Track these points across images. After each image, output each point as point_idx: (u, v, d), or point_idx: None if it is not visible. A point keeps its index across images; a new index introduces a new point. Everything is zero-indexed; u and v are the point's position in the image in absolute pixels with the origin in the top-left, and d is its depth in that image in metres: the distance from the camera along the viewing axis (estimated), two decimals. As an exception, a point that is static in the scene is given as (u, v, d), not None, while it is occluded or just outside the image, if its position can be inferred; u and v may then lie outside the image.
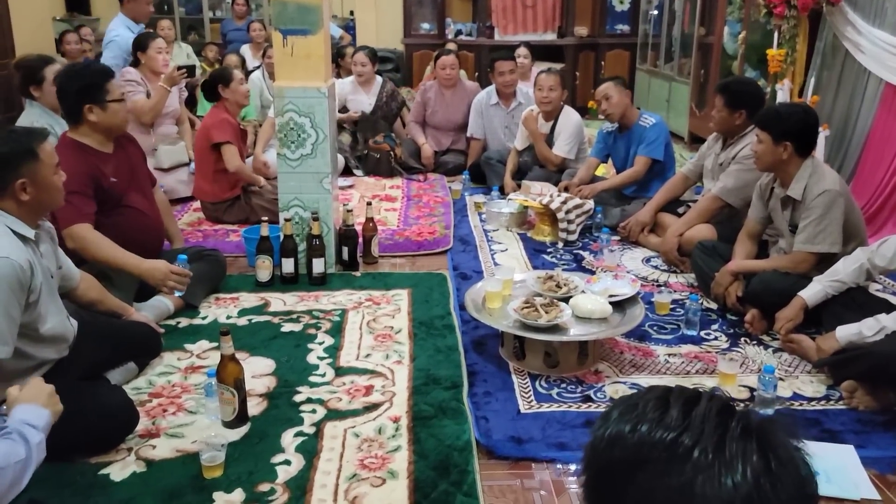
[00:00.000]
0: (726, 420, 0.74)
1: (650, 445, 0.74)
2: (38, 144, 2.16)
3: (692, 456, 0.71)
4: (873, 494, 2.01)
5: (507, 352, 2.76)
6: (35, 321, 2.09)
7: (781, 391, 2.51)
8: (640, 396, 0.80)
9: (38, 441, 1.62)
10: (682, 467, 0.71)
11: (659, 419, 0.75)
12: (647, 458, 0.73)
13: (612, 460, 0.76)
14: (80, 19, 8.12)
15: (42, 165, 2.15)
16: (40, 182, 2.15)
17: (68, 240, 2.86)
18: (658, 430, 0.74)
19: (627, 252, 3.99)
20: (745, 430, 0.73)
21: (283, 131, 3.45)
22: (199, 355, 2.78)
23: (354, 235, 3.65)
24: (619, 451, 0.76)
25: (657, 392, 0.80)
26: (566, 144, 4.82)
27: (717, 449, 0.71)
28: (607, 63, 8.79)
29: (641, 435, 0.75)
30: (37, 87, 3.69)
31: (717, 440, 0.72)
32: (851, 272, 2.69)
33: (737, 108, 3.53)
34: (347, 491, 2.00)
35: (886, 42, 4.13)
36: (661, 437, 0.74)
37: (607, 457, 0.77)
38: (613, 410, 0.80)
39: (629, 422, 0.77)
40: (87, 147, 3.00)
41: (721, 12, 6.30)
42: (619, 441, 0.76)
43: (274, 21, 3.39)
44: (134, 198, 3.14)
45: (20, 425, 1.63)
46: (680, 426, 0.74)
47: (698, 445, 0.72)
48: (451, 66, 5.74)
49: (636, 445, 0.75)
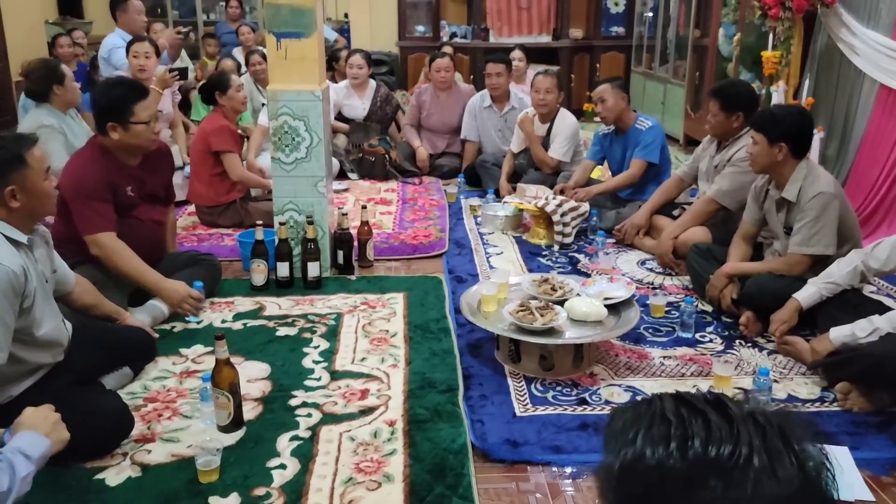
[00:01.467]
0: (755, 418, 0.74)
1: (708, 463, 0.71)
2: (26, 150, 2.12)
3: (752, 463, 0.70)
4: (867, 496, 2.02)
5: (502, 355, 2.76)
6: (30, 326, 2.08)
7: (776, 393, 2.51)
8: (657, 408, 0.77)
9: (24, 475, 1.60)
10: (746, 476, 0.70)
11: (707, 432, 0.73)
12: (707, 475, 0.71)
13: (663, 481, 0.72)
14: (72, 23, 8.10)
15: (31, 172, 2.12)
16: (30, 189, 2.11)
17: (93, 247, 2.91)
18: (712, 444, 0.72)
19: (623, 255, 3.99)
20: (770, 422, 0.74)
21: (277, 135, 3.45)
22: (194, 359, 2.78)
23: (349, 239, 3.65)
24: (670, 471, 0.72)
25: (676, 401, 0.77)
26: (562, 147, 4.83)
27: (767, 448, 0.71)
28: (602, 65, 8.80)
29: (696, 453, 0.72)
30: (60, 85, 3.83)
31: (762, 440, 0.72)
32: (846, 274, 2.70)
33: (733, 110, 3.53)
34: (343, 495, 2.00)
35: (881, 44, 4.15)
36: (720, 451, 0.71)
37: (653, 479, 0.73)
38: (630, 429, 0.77)
39: (672, 439, 0.73)
40: (111, 155, 3.02)
41: (716, 14, 6.31)
42: (668, 462, 0.72)
43: (267, 24, 3.39)
44: (144, 209, 3.14)
45: (13, 453, 1.61)
46: (731, 436, 0.72)
47: (755, 450, 0.71)
48: (447, 68, 5.74)
49: (693, 464, 0.71)
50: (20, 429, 1.70)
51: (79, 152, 3.16)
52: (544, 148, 4.87)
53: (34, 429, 1.71)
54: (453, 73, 5.82)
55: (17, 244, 2.07)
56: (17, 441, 1.65)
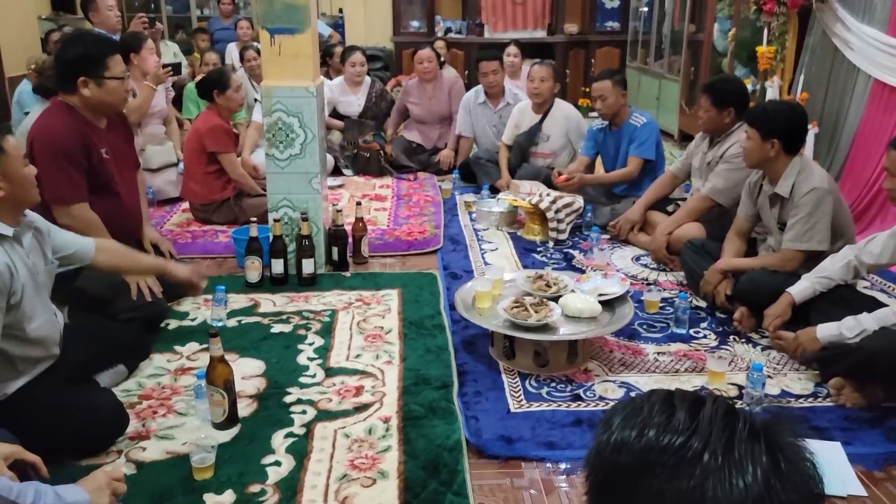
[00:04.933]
0: (733, 421, 0.74)
1: (659, 450, 0.73)
2: (1, 139, 2.06)
3: (702, 459, 0.71)
4: (860, 491, 2.03)
5: (496, 351, 2.76)
6: (20, 322, 2.04)
7: (770, 388, 2.52)
8: (643, 400, 0.79)
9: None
10: (692, 471, 0.71)
11: (666, 423, 0.75)
12: (655, 462, 0.73)
13: (619, 466, 0.75)
14: (65, 18, 8.06)
15: (9, 158, 2.05)
16: (10, 176, 2.05)
17: (65, 217, 2.71)
18: (666, 434, 0.74)
19: (617, 251, 4.00)
20: (752, 430, 0.73)
21: (271, 131, 3.44)
22: (188, 357, 2.77)
23: (344, 235, 3.65)
24: (625, 456, 0.75)
25: (660, 395, 0.79)
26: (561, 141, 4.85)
27: (727, 451, 0.71)
28: (597, 60, 8.80)
29: (649, 440, 0.74)
30: None
31: (725, 442, 0.72)
32: (839, 269, 2.70)
33: (724, 106, 3.54)
34: (338, 491, 2.00)
35: (875, 39, 4.15)
36: (670, 441, 0.73)
37: (613, 463, 0.76)
38: (615, 416, 0.79)
39: (635, 427, 0.76)
40: (79, 114, 2.85)
41: (711, 9, 6.32)
42: (625, 446, 0.75)
43: (261, 20, 3.38)
44: (120, 183, 3.02)
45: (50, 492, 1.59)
46: (688, 429, 0.73)
47: (708, 448, 0.71)
48: (429, 59, 5.73)
49: (644, 450, 0.74)
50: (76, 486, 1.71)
51: (46, 111, 2.96)
52: (533, 136, 4.86)
53: (82, 485, 1.71)
54: (436, 63, 5.81)
55: (2, 238, 2.01)
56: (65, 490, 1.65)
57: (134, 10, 8.81)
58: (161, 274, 2.65)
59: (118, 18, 5.05)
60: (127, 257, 2.60)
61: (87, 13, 4.97)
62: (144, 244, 3.21)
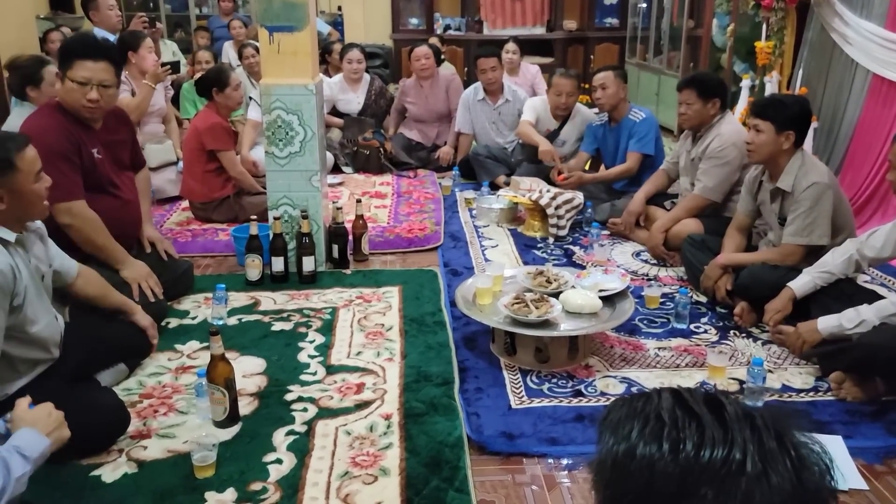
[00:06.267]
0: (753, 420, 0.73)
1: (700, 469, 0.70)
2: (16, 153, 2.03)
3: (745, 469, 0.69)
4: (861, 485, 2.03)
5: (497, 348, 2.76)
6: (23, 323, 2.06)
7: (770, 383, 2.52)
8: (652, 406, 0.76)
9: (19, 474, 1.57)
10: (739, 483, 0.69)
11: (700, 436, 0.71)
12: (698, 482, 0.70)
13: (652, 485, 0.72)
14: (63, 18, 8.04)
15: (21, 175, 2.03)
16: (18, 192, 2.03)
17: (63, 216, 2.72)
18: (705, 449, 0.71)
19: (617, 247, 4.00)
20: (767, 426, 0.73)
21: (270, 129, 3.43)
22: (189, 355, 2.77)
23: (344, 233, 3.65)
24: (660, 480, 0.71)
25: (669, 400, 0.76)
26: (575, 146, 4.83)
27: (761, 453, 0.70)
28: (596, 56, 8.80)
29: (688, 457, 0.71)
30: (34, 88, 3.59)
31: (757, 444, 0.70)
32: (840, 263, 2.70)
33: (709, 97, 3.57)
34: (339, 489, 2.00)
35: (874, 33, 4.15)
36: (713, 457, 0.70)
37: (640, 480, 0.72)
38: (626, 424, 0.76)
39: (665, 441, 0.72)
40: (68, 114, 2.85)
41: (709, 5, 6.31)
42: (658, 464, 0.72)
43: (260, 18, 3.37)
44: (116, 183, 3.01)
45: (9, 452, 1.58)
46: (724, 440, 0.71)
47: (747, 456, 0.70)
48: (426, 56, 5.71)
49: (683, 470, 0.70)
50: (20, 425, 1.67)
51: (36, 112, 2.97)
52: (550, 140, 4.82)
53: (34, 426, 1.68)
54: (433, 60, 5.80)
55: (6, 242, 2.02)
56: (16, 439, 1.62)
57: (132, 8, 8.81)
58: (125, 315, 2.64)
59: (119, 17, 5.04)
60: (101, 290, 2.58)
61: (88, 12, 4.96)
62: (143, 242, 3.21)
